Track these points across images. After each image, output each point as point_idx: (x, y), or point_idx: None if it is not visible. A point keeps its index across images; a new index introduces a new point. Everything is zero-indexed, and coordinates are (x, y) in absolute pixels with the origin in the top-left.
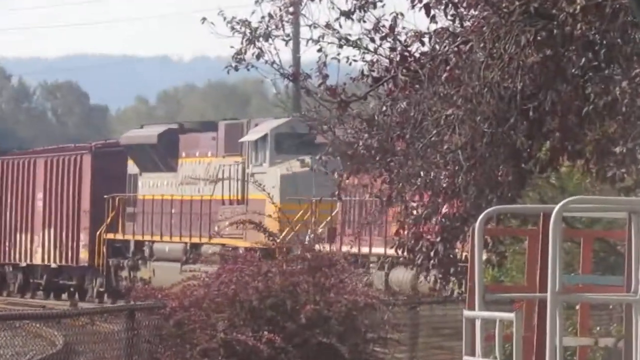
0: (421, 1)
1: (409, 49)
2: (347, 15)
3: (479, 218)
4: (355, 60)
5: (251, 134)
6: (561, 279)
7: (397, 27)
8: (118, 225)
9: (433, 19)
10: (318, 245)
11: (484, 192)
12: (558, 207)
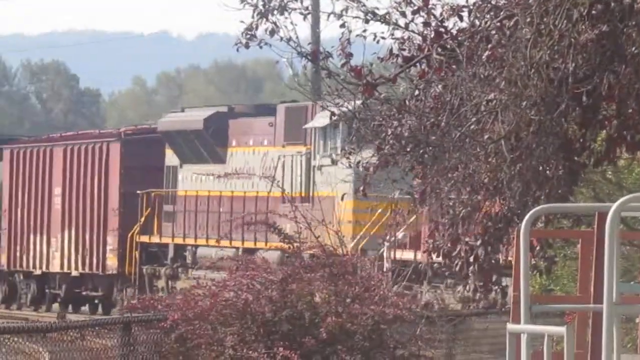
0: None
1: (444, 24)
2: None
3: (525, 218)
4: (384, 38)
5: (318, 119)
6: (619, 288)
7: (431, 0)
8: (154, 226)
9: None
10: (340, 249)
11: (531, 188)
12: (615, 205)
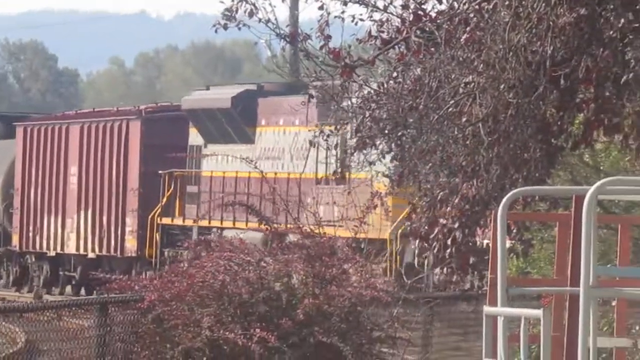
0: None
1: (423, 6)
2: None
3: (503, 201)
4: (362, 20)
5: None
6: (595, 271)
7: None
8: (176, 207)
9: None
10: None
11: (508, 171)
12: (592, 189)
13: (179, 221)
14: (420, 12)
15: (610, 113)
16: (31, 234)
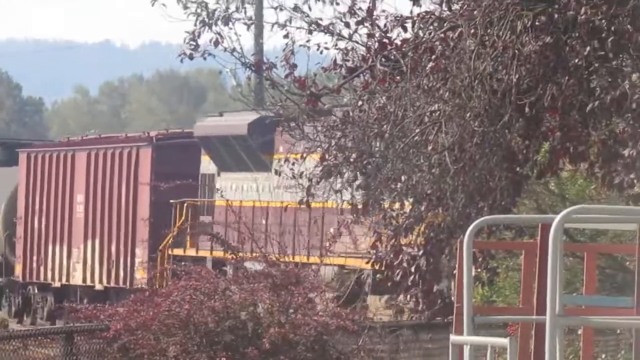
0: None
1: (388, 35)
2: None
3: (469, 229)
4: (327, 48)
5: None
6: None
7: (375, 11)
8: (187, 238)
9: (417, 1)
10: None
11: (474, 199)
12: (559, 217)
13: (191, 252)
14: (385, 41)
15: (576, 141)
16: (35, 264)
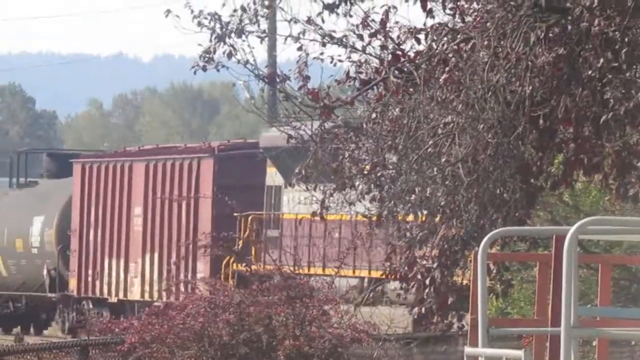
0: None
1: (402, 47)
2: (331, 8)
3: (483, 241)
4: (341, 61)
5: None
6: (576, 311)
7: (388, 23)
8: (252, 252)
9: (430, 13)
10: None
11: (488, 211)
12: (573, 228)
13: (259, 267)
14: (399, 53)
15: (590, 153)
16: (90, 279)
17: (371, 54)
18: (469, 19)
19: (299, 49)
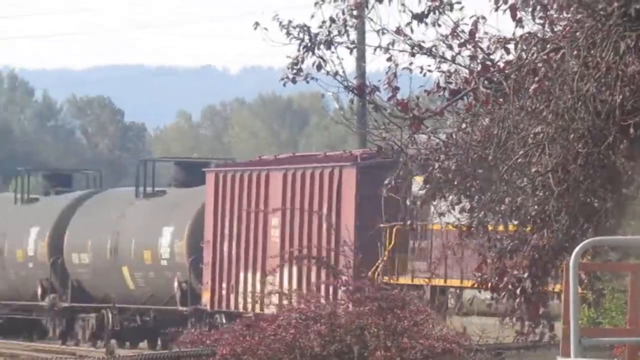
0: (506, 2)
1: (491, 57)
2: (420, 18)
3: (575, 251)
4: (430, 71)
5: None
6: None
7: (478, 33)
8: (395, 264)
9: (519, 22)
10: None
11: (579, 221)
12: None
13: (406, 280)
14: (488, 63)
15: None
16: (224, 292)
17: (460, 64)
18: (558, 28)
19: (388, 59)
